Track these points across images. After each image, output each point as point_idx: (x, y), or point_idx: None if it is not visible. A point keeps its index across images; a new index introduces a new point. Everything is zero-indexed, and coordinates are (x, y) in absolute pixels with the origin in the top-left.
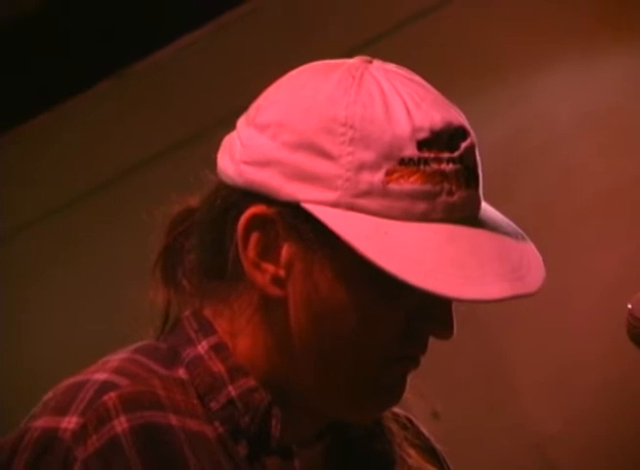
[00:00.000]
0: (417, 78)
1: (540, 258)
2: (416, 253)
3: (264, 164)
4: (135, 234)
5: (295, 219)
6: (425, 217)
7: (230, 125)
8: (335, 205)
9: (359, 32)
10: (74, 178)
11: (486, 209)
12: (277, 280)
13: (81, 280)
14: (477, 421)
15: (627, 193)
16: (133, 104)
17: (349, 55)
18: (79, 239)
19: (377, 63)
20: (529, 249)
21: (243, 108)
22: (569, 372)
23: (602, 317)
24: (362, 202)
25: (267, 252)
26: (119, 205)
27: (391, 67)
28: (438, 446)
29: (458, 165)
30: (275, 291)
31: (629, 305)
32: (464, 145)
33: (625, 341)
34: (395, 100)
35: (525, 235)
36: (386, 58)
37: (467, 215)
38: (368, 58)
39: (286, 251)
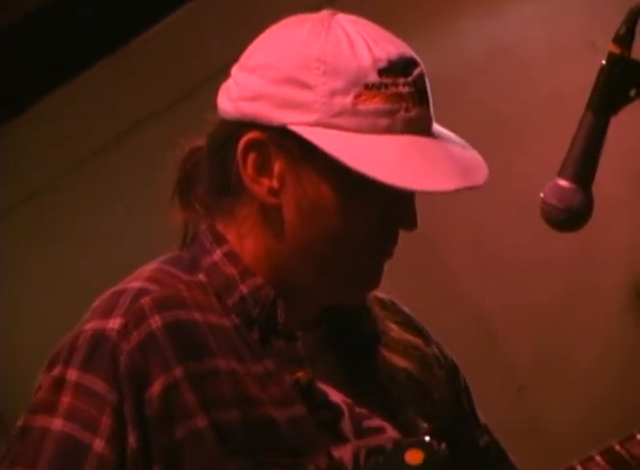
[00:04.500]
0: (374, 24)
1: (482, 161)
2: (383, 157)
3: (256, 97)
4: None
5: (283, 140)
6: (388, 130)
7: (218, 84)
8: (315, 124)
9: None
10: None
11: (437, 127)
12: (272, 191)
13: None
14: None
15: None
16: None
17: (317, 11)
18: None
19: (341, 14)
20: (473, 154)
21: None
22: (498, 255)
23: (525, 211)
24: (337, 121)
25: (263, 168)
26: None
27: (353, 17)
28: (419, 321)
29: (412, 88)
30: (271, 199)
31: (541, 195)
32: (416, 72)
33: (541, 226)
34: (358, 39)
35: (468, 145)
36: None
37: (422, 128)
38: (333, 11)
39: (278, 166)
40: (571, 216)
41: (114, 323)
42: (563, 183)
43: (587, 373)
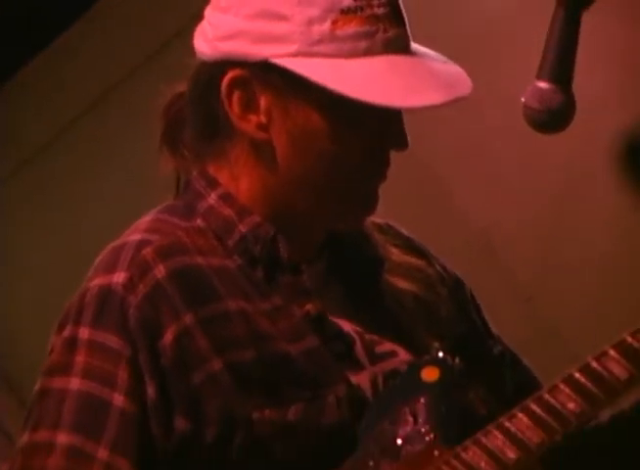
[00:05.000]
0: None
1: (464, 73)
2: (366, 79)
3: (233, 35)
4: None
5: (266, 74)
6: (368, 52)
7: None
8: (296, 55)
9: None
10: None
11: (415, 45)
12: (261, 126)
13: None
14: (419, 218)
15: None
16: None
17: None
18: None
19: None
20: (455, 68)
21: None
22: (492, 169)
23: (513, 120)
24: (317, 49)
25: (249, 105)
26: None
27: None
28: (418, 241)
29: (387, 8)
30: (261, 135)
31: (523, 99)
32: None
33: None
34: None
35: (449, 60)
36: None
37: (401, 47)
38: None
39: (264, 101)
40: (552, 117)
41: (119, 277)
42: (542, 85)
43: (594, 276)
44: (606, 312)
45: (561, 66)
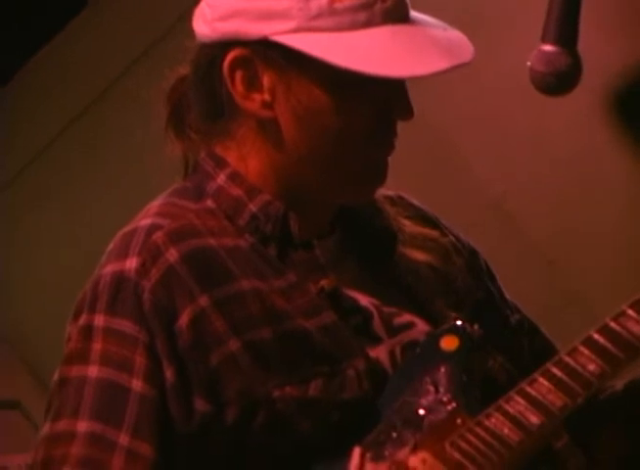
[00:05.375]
0: None
1: (466, 39)
2: (368, 50)
3: (231, 15)
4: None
5: (267, 52)
6: (368, 24)
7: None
8: (296, 31)
9: None
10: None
11: (415, 14)
12: (266, 104)
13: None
14: (433, 188)
15: None
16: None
17: None
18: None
19: None
20: (456, 34)
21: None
22: (503, 135)
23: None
24: (316, 23)
25: (252, 84)
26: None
27: None
28: (431, 211)
29: None
30: (266, 113)
31: (528, 63)
32: None
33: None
34: None
35: (449, 26)
36: None
37: (401, 17)
38: None
39: (266, 79)
40: (560, 80)
41: (132, 263)
42: (547, 48)
43: (611, 239)
44: (626, 274)
45: (565, 28)
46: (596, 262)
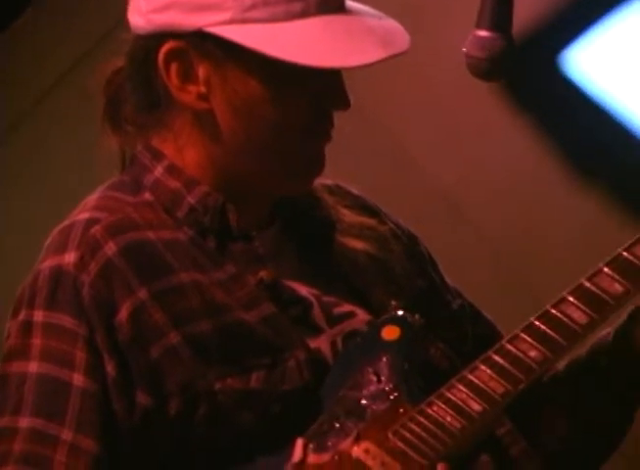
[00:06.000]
0: None
1: (401, 28)
2: (302, 41)
3: (166, 7)
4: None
5: (202, 44)
6: (303, 14)
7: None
8: (230, 22)
9: None
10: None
11: (350, 3)
12: (201, 96)
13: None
14: (379, 179)
15: None
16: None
17: None
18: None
19: None
20: (391, 23)
21: None
22: (447, 126)
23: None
24: (251, 14)
25: (187, 76)
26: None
27: None
28: (369, 200)
29: None
30: (202, 105)
31: (464, 49)
32: None
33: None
34: None
35: (385, 15)
36: None
37: (336, 6)
38: None
39: (202, 71)
40: (495, 65)
41: (70, 257)
42: (482, 33)
43: (560, 230)
44: (571, 263)
45: (499, 12)
46: (542, 253)
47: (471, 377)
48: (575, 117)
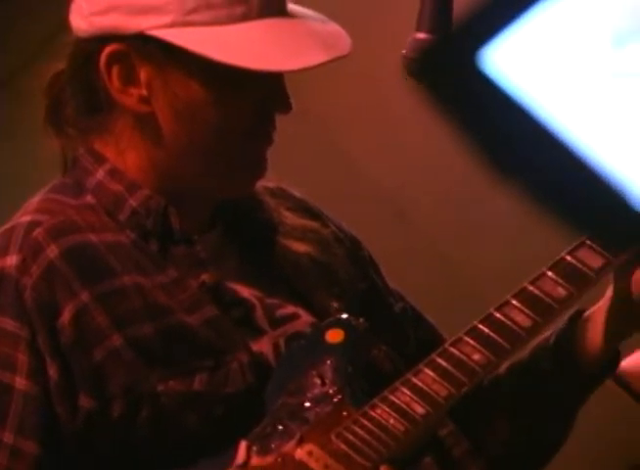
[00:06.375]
0: None
1: (344, 31)
2: (244, 44)
3: (108, 9)
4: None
5: (144, 47)
6: (245, 17)
7: None
8: (172, 25)
9: None
10: None
11: (293, 6)
12: (143, 99)
13: None
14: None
15: None
16: None
17: None
18: None
19: None
20: (334, 27)
21: None
22: (387, 127)
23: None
24: (192, 18)
25: (129, 79)
26: None
27: None
28: (312, 203)
29: None
30: (144, 108)
31: (403, 51)
32: None
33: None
34: None
35: (327, 19)
36: None
37: (278, 10)
38: None
39: (143, 74)
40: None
41: (12, 260)
42: (421, 36)
43: (505, 231)
44: (517, 267)
45: (439, 16)
46: (486, 256)
47: (414, 380)
48: (496, 116)
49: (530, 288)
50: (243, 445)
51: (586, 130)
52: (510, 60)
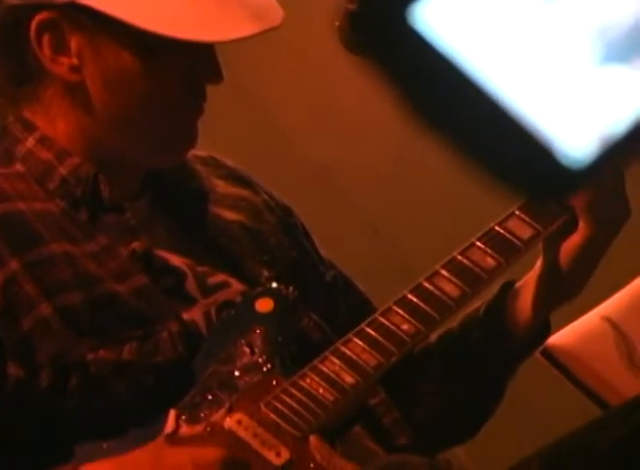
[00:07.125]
0: None
1: (274, 2)
2: (173, 13)
3: None
4: None
5: (75, 15)
6: None
7: None
8: None
9: None
10: None
11: None
12: (73, 68)
13: None
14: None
15: None
16: None
17: None
18: None
19: None
20: None
21: None
22: (324, 105)
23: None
24: None
25: (59, 47)
26: None
27: None
28: (245, 171)
29: None
30: (74, 77)
31: (336, 23)
32: None
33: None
34: None
35: None
36: None
37: None
38: None
39: (74, 43)
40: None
41: None
42: (352, 6)
43: (437, 205)
44: (449, 240)
45: None
46: (418, 226)
47: (344, 349)
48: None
49: (460, 258)
50: (172, 414)
51: (514, 82)
52: (441, 14)
